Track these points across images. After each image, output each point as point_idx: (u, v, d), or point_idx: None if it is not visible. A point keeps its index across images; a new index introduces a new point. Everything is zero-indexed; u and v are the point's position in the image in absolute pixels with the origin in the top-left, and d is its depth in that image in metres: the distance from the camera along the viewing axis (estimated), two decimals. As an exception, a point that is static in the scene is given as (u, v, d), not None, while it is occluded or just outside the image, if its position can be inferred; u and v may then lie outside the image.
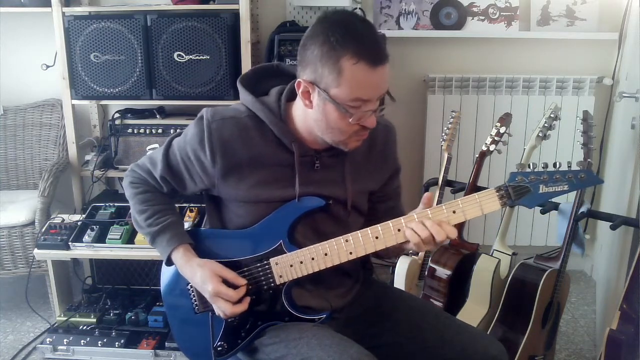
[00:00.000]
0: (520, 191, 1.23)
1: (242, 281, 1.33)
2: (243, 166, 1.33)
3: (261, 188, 1.33)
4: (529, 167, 1.24)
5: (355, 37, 1.17)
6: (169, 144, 1.40)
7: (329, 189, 1.36)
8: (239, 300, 1.32)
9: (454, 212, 1.25)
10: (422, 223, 1.23)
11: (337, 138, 1.28)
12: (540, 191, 1.22)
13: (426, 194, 1.28)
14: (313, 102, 1.25)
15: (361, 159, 1.39)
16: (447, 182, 2.31)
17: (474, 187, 2.18)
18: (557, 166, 1.23)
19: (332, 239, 1.30)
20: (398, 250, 1.37)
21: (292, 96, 1.34)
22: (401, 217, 1.27)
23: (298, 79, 1.26)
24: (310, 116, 1.28)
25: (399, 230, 1.26)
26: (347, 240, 1.29)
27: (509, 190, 1.23)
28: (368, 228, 1.28)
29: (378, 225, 1.28)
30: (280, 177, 1.34)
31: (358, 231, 1.29)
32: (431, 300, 2.17)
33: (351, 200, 1.39)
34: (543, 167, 1.23)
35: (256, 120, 1.33)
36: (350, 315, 1.45)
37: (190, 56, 2.57)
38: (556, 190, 1.22)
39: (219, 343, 1.38)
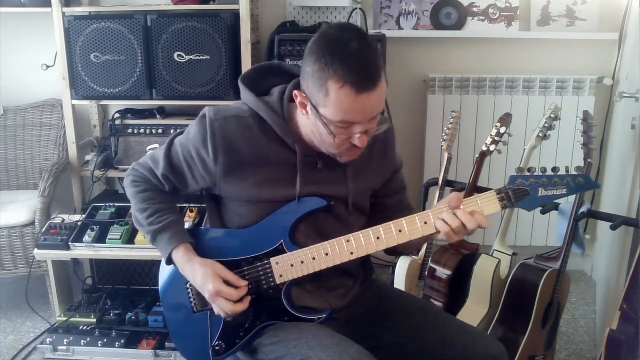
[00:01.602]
0: (520, 194, 1.25)
1: (242, 282, 1.33)
2: (245, 165, 1.33)
3: (263, 187, 1.34)
4: (528, 170, 1.25)
5: (343, 61, 1.15)
6: (170, 142, 1.40)
7: (330, 188, 1.36)
8: (240, 300, 1.32)
9: (454, 214, 1.25)
10: (454, 213, 1.24)
11: (330, 150, 1.29)
12: (539, 194, 1.25)
13: (456, 195, 1.27)
14: (308, 113, 1.26)
15: (363, 158, 1.39)
16: (447, 182, 2.31)
17: (474, 187, 2.18)
18: (556, 170, 1.25)
19: (333, 239, 1.30)
20: (423, 241, 1.38)
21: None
22: (402, 219, 1.28)
23: (295, 91, 1.26)
24: (307, 125, 1.29)
25: (400, 230, 1.27)
26: (348, 241, 1.29)
27: (509, 192, 1.25)
28: (369, 228, 1.28)
29: (379, 225, 1.28)
30: (282, 176, 1.34)
31: (359, 231, 1.29)
32: (431, 300, 2.17)
33: (352, 199, 1.39)
34: (542, 171, 1.25)
35: (259, 119, 1.33)
36: (350, 316, 1.45)
37: (190, 56, 2.57)
38: (555, 193, 1.25)
39: (217, 342, 1.38)
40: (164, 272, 1.48)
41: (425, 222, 1.27)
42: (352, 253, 1.29)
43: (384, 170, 1.46)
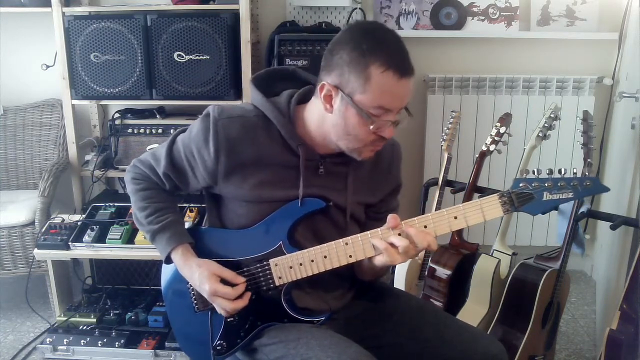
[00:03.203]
0: (524, 198, 1.22)
1: (240, 279, 1.33)
2: (247, 165, 1.32)
3: (264, 188, 1.33)
4: (533, 173, 1.22)
5: (385, 47, 1.20)
6: (173, 140, 1.40)
7: (330, 194, 1.36)
8: (240, 296, 1.32)
9: (455, 217, 1.24)
10: (401, 234, 1.23)
11: (352, 145, 1.28)
12: (544, 198, 1.21)
13: (392, 216, 1.25)
14: (334, 107, 1.26)
15: (365, 173, 1.40)
16: (447, 182, 2.31)
17: (474, 187, 2.18)
18: (562, 172, 1.21)
19: (332, 242, 1.29)
20: (372, 271, 1.37)
21: (303, 99, 1.34)
22: (402, 222, 1.26)
23: (322, 82, 1.26)
24: (328, 121, 1.28)
25: (399, 234, 1.26)
26: (346, 243, 1.29)
27: (512, 197, 1.22)
28: (368, 231, 1.28)
29: (378, 229, 1.27)
30: (284, 179, 1.34)
31: (358, 234, 1.28)
32: (431, 300, 2.17)
33: (350, 211, 1.39)
34: (548, 174, 1.21)
35: (264, 120, 1.33)
36: (350, 316, 1.45)
37: (190, 56, 2.56)
38: (561, 197, 1.20)
39: (219, 342, 1.38)
40: (167, 271, 1.48)
41: (425, 226, 1.26)
42: (350, 256, 1.29)
43: (385, 186, 1.46)
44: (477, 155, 2.18)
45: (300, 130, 1.34)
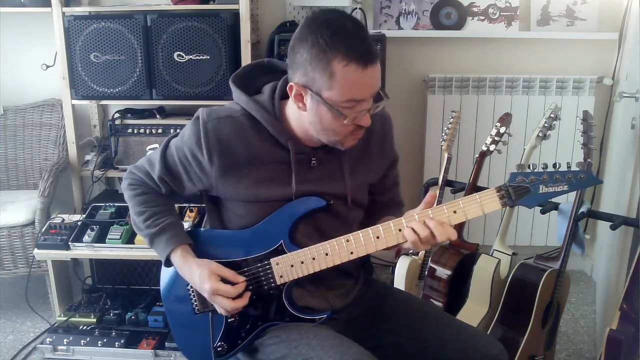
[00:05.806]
0: (521, 191, 1.23)
1: (240, 278, 1.33)
2: (241, 165, 1.33)
3: (260, 187, 1.34)
4: (529, 167, 1.24)
5: (343, 38, 1.17)
6: (166, 145, 1.40)
7: (327, 185, 1.36)
8: (240, 296, 1.32)
9: (454, 212, 1.25)
10: (424, 222, 1.23)
11: (332, 138, 1.29)
12: (541, 191, 1.23)
13: (430, 194, 1.28)
14: (306, 105, 1.26)
15: (359, 152, 1.39)
16: (447, 182, 2.31)
17: (474, 187, 2.18)
18: (557, 166, 1.24)
19: (333, 239, 1.30)
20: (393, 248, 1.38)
21: (285, 94, 1.34)
22: (402, 217, 1.28)
23: (290, 83, 1.26)
24: (304, 118, 1.29)
25: (400, 230, 1.27)
26: (348, 240, 1.29)
27: (510, 190, 1.24)
28: (369, 228, 1.28)
29: (379, 225, 1.28)
30: (278, 176, 1.34)
31: (359, 231, 1.29)
32: (431, 300, 2.17)
33: (351, 195, 1.39)
34: (543, 168, 1.23)
35: (251, 118, 1.33)
36: (351, 316, 1.45)
37: (190, 56, 2.57)
38: (556, 190, 1.23)
39: (219, 343, 1.38)
40: (166, 273, 1.48)
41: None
42: (352, 253, 1.29)
43: (382, 162, 1.46)
44: (477, 155, 2.18)
45: (288, 125, 1.34)
